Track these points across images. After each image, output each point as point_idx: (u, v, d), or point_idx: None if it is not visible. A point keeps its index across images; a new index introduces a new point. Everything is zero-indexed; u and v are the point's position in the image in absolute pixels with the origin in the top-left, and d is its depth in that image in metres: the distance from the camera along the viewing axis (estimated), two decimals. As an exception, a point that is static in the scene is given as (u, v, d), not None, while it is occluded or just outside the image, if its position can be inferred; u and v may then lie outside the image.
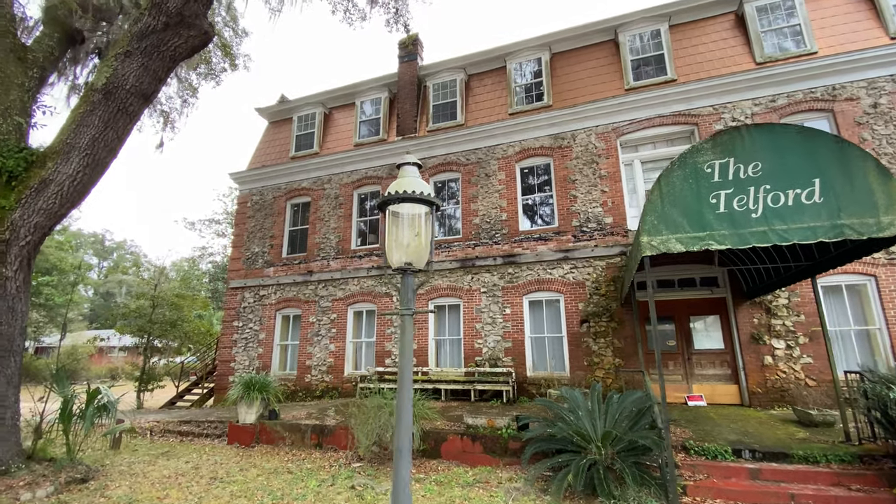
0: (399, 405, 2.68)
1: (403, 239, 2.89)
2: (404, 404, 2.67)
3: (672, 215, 5.09)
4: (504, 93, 12.91)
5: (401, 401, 2.68)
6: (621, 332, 10.03)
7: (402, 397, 2.69)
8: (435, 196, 2.91)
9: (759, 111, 10.22)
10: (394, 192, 2.85)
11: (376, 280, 12.70)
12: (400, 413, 2.66)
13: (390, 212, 2.99)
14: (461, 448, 6.94)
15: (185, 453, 7.72)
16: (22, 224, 5.63)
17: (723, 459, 5.83)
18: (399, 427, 2.65)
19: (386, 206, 2.99)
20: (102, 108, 5.85)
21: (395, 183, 2.95)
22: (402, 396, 2.69)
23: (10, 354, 5.61)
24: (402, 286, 2.90)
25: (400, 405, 2.68)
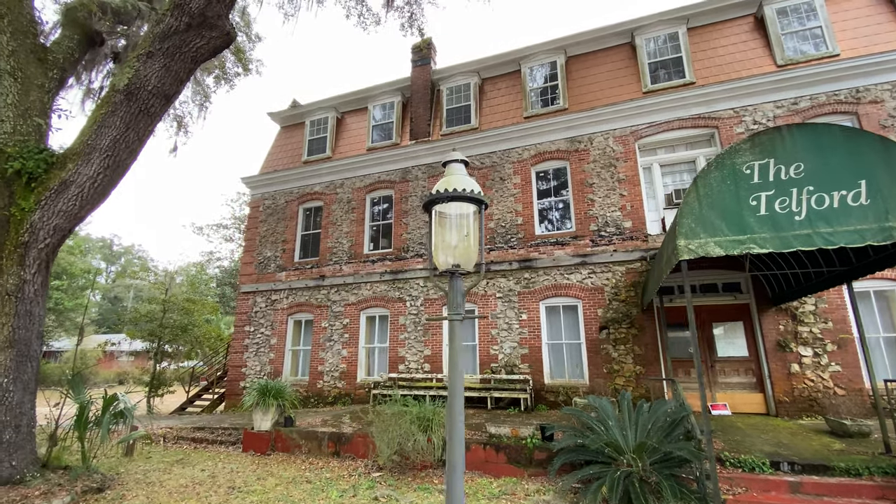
0: (450, 418, 2.52)
1: (451, 240, 2.74)
2: (456, 417, 2.50)
3: (710, 218, 4.92)
4: (518, 96, 12.80)
5: (452, 414, 2.52)
6: (642, 338, 9.82)
7: (454, 410, 2.52)
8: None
9: (782, 114, 10.04)
10: (441, 190, 2.71)
11: (389, 285, 12.56)
12: (451, 426, 2.49)
13: (437, 212, 2.84)
14: (484, 458, 6.74)
15: (200, 461, 7.56)
16: (41, 226, 5.53)
17: (760, 472, 5.61)
18: (451, 441, 2.48)
19: (432, 205, 2.85)
20: (124, 108, 5.77)
21: (441, 181, 2.80)
22: (454, 409, 2.52)
23: (27, 360, 5.50)
24: (449, 289, 2.74)
25: (451, 418, 2.51)
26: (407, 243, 12.69)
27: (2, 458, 5.18)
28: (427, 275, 12.10)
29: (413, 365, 11.70)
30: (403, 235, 12.81)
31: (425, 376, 11.28)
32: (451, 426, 2.50)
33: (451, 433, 2.49)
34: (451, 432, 2.49)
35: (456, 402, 2.53)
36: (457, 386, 2.56)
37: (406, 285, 12.39)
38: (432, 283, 10.92)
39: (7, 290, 5.33)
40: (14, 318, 5.35)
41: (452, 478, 2.43)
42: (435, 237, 2.86)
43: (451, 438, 2.48)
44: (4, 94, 5.79)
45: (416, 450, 6.44)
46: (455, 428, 2.49)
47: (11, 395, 5.29)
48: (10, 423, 5.28)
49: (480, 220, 2.78)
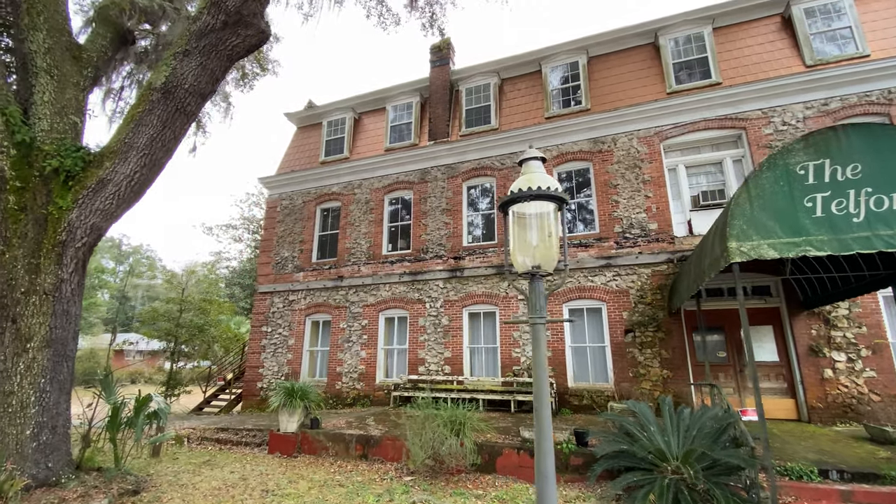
0: (538, 425, 2.42)
1: (531, 240, 2.65)
2: (544, 425, 2.40)
3: (762, 219, 4.80)
4: (539, 97, 12.71)
5: (540, 421, 2.42)
6: (669, 342, 9.68)
7: (542, 417, 2.42)
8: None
9: (812, 115, 9.90)
10: (519, 189, 2.62)
11: (408, 286, 12.47)
12: (540, 434, 2.40)
13: (514, 213, 2.75)
14: (517, 463, 6.63)
15: (227, 462, 7.49)
16: (79, 225, 5.49)
17: (809, 480, 5.47)
18: (540, 449, 2.38)
19: (509, 205, 2.76)
20: (161, 107, 5.72)
21: (518, 181, 2.72)
22: (542, 416, 2.42)
23: (63, 360, 5.45)
24: (530, 292, 2.65)
25: (539, 426, 2.41)
26: (426, 244, 12.61)
27: (38, 460, 5.13)
28: (447, 276, 12.02)
29: (433, 367, 11.60)
30: (422, 236, 12.72)
31: (446, 378, 11.18)
32: (540, 435, 2.40)
33: (539, 442, 2.40)
34: (539, 441, 2.40)
35: (544, 412, 2.43)
36: (543, 395, 2.46)
37: (425, 287, 12.30)
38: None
39: (45, 289, 5.29)
40: (51, 318, 5.30)
41: (545, 488, 2.33)
42: (512, 238, 2.77)
43: (540, 447, 2.38)
44: (41, 92, 5.76)
45: (451, 454, 6.34)
46: (544, 436, 2.39)
47: (48, 395, 5.25)
48: (47, 424, 5.23)
49: (562, 219, 2.68)
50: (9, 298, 5.14)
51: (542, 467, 2.36)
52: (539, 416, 2.43)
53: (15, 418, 5.00)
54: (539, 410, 2.44)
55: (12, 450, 4.94)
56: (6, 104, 5.34)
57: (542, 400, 2.44)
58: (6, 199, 5.24)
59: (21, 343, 5.12)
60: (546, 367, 2.51)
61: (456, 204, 12.63)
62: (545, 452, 2.37)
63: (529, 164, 2.79)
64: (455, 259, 12.13)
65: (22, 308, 5.16)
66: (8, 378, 5.03)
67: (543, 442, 2.38)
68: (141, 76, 10.70)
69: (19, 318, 5.14)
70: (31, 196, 5.37)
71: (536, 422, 2.44)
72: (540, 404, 2.44)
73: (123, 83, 10.73)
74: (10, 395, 5.01)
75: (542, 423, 2.41)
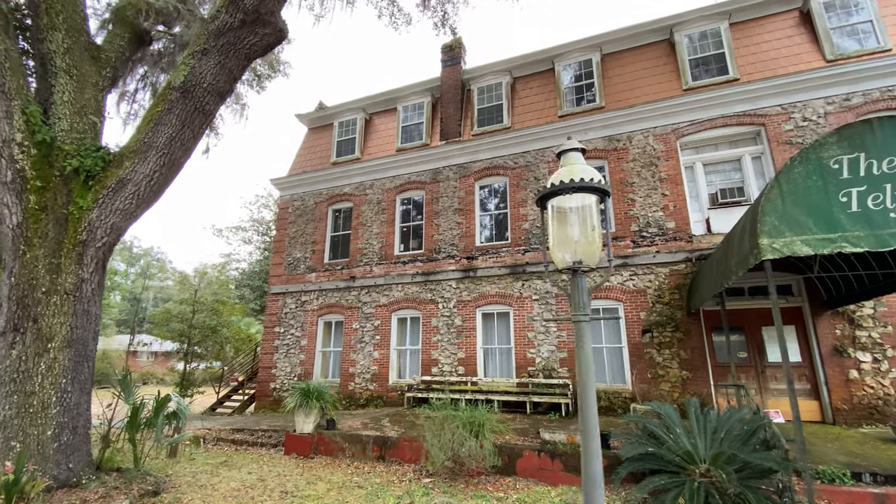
0: (585, 427, 2.33)
1: (572, 234, 2.56)
2: (591, 427, 2.31)
3: (795, 215, 4.66)
4: (552, 95, 12.59)
5: (586, 423, 2.33)
6: (688, 342, 9.51)
7: (588, 419, 2.33)
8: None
9: (833, 110, 9.70)
10: (561, 181, 2.53)
11: (421, 286, 12.40)
12: (587, 436, 2.30)
13: (553, 207, 2.67)
14: (538, 465, 6.52)
15: (244, 463, 7.45)
16: (99, 225, 5.47)
17: (841, 483, 5.32)
18: (588, 451, 2.29)
19: (547, 199, 2.67)
20: (180, 106, 5.70)
21: (557, 173, 2.63)
22: (588, 418, 2.33)
23: (84, 360, 5.44)
24: (572, 288, 2.56)
25: (586, 428, 2.32)
26: (438, 244, 12.53)
27: (59, 461, 5.11)
28: (460, 276, 11.93)
29: (447, 368, 11.52)
30: (435, 236, 12.65)
31: (459, 379, 11.09)
32: (587, 436, 2.31)
33: (586, 444, 2.30)
34: (586, 443, 2.31)
35: (590, 414, 2.34)
36: (589, 396, 2.37)
37: (438, 287, 12.22)
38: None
39: (66, 289, 5.27)
40: (72, 318, 5.29)
41: (592, 491, 2.24)
42: (551, 233, 2.69)
43: (588, 449, 2.29)
44: (61, 92, 5.76)
45: (471, 456, 6.25)
46: (591, 437, 2.30)
47: (69, 395, 5.23)
48: (68, 425, 5.21)
49: (607, 212, 2.58)
50: (30, 298, 5.13)
51: (589, 470, 2.27)
52: (585, 418, 2.34)
53: (36, 419, 4.98)
54: (585, 412, 2.35)
55: (33, 450, 4.93)
56: (26, 104, 5.34)
57: (589, 401, 2.35)
58: (27, 199, 5.24)
59: (42, 343, 5.11)
60: (591, 366, 2.42)
61: (468, 204, 12.54)
62: (592, 454, 2.28)
63: (569, 155, 2.70)
64: (468, 259, 12.04)
65: (43, 308, 5.16)
66: (29, 378, 5.02)
67: (590, 443, 2.29)
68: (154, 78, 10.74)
69: (40, 318, 5.14)
70: (51, 196, 5.36)
71: (582, 424, 2.34)
72: (586, 406, 2.35)
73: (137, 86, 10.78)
74: (31, 395, 5.00)
75: (588, 425, 2.32)
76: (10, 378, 4.97)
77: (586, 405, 2.35)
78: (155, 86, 10.81)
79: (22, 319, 5.08)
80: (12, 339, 5.05)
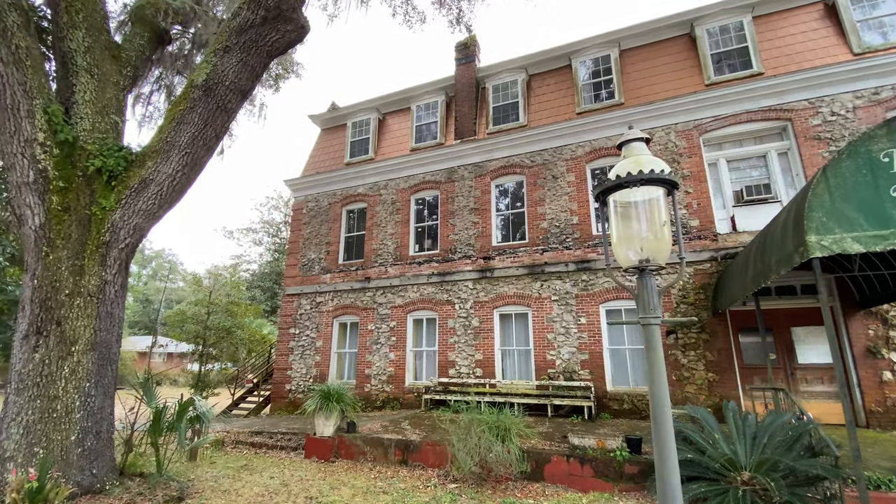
0: (659, 440, 2.15)
1: (640, 230, 2.40)
2: (667, 439, 2.14)
3: (844, 211, 4.45)
4: (570, 92, 12.40)
5: (662, 435, 2.15)
6: (714, 343, 9.28)
7: (663, 432, 2.15)
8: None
9: (862, 104, 9.42)
10: (628, 173, 2.36)
11: (437, 287, 12.25)
12: (663, 449, 2.13)
13: (616, 202, 2.50)
14: (567, 471, 6.34)
15: (265, 467, 7.34)
16: (122, 225, 5.38)
17: (888, 490, 5.08)
18: (664, 466, 2.12)
19: (608, 193, 2.51)
20: (202, 105, 5.60)
21: (621, 165, 2.46)
22: (663, 431, 2.16)
23: (108, 363, 5.35)
24: (640, 288, 2.40)
25: (660, 440, 2.15)
26: (454, 244, 12.37)
27: (83, 466, 5.02)
28: (477, 276, 11.77)
29: (464, 370, 11.35)
30: (450, 236, 12.50)
31: (478, 381, 10.92)
32: (663, 450, 2.14)
33: (662, 458, 2.13)
34: (662, 457, 2.13)
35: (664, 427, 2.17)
36: (664, 405, 2.20)
37: (454, 287, 12.07)
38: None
39: (89, 291, 5.19)
40: (96, 320, 5.20)
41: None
42: (616, 229, 2.52)
43: (664, 464, 2.12)
44: (82, 91, 5.69)
45: (499, 461, 6.08)
46: (667, 450, 2.13)
47: (93, 399, 5.14)
48: (92, 430, 5.12)
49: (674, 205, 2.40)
50: (53, 301, 5.05)
51: (668, 487, 2.09)
52: (659, 431, 2.16)
53: (60, 424, 4.90)
54: (660, 425, 2.17)
55: (57, 456, 4.84)
56: (48, 103, 5.27)
57: (664, 411, 2.18)
58: (50, 200, 5.16)
59: (66, 346, 5.03)
60: (664, 374, 2.25)
61: (484, 203, 12.38)
62: (670, 470, 2.11)
63: (631, 146, 2.54)
64: (484, 259, 11.87)
65: (66, 310, 5.07)
66: (52, 382, 4.93)
67: (668, 458, 2.12)
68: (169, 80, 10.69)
69: (64, 321, 5.05)
70: (74, 196, 5.28)
71: (656, 436, 2.17)
72: (662, 417, 2.18)
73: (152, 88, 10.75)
74: (54, 399, 4.91)
75: (662, 437, 2.15)
76: (33, 382, 4.88)
77: (661, 416, 2.18)
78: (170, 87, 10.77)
79: (45, 322, 4.99)
80: (35, 343, 4.96)
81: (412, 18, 11.39)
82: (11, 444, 4.66)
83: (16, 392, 4.83)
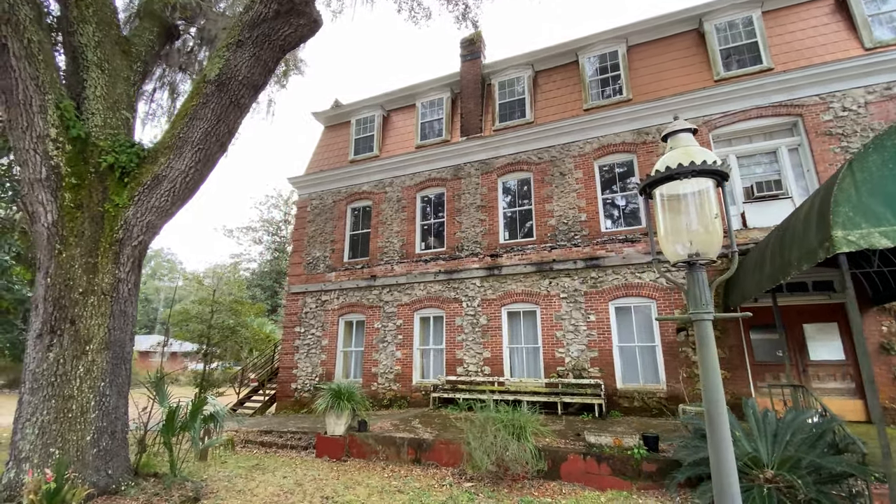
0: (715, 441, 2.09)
1: (689, 224, 2.33)
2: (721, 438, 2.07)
3: (871, 206, 4.39)
4: (577, 88, 12.32)
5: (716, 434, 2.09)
6: (725, 341, 9.23)
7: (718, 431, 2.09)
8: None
9: (874, 99, 9.37)
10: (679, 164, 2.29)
11: (444, 285, 12.19)
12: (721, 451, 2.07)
13: (663, 195, 2.44)
14: (584, 469, 6.29)
15: (277, 467, 7.28)
16: (135, 223, 5.30)
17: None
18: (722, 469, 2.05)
19: (655, 186, 2.45)
20: (215, 100, 5.51)
21: (669, 157, 2.40)
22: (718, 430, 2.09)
23: (122, 362, 5.27)
24: (691, 283, 2.34)
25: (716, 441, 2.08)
26: (461, 242, 12.31)
27: (99, 467, 4.95)
28: (484, 274, 11.70)
29: (472, 368, 11.30)
30: (457, 234, 12.43)
31: (486, 379, 10.87)
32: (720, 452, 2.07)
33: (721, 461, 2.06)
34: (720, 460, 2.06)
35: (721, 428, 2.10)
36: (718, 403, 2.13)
37: (461, 285, 12.01)
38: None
39: (103, 289, 5.11)
40: (110, 319, 5.12)
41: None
42: (662, 223, 2.46)
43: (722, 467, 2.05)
44: (93, 86, 5.59)
45: (516, 459, 6.03)
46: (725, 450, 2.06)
47: (108, 399, 5.07)
48: (107, 430, 5.05)
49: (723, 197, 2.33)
50: (67, 299, 4.97)
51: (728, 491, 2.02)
52: (715, 431, 2.10)
53: (75, 424, 4.82)
54: (716, 425, 2.11)
55: (73, 457, 4.77)
56: (60, 98, 5.17)
57: (719, 410, 2.11)
58: (62, 197, 5.07)
59: (80, 345, 4.95)
60: (718, 371, 2.19)
61: (491, 200, 12.31)
62: (728, 471, 2.04)
63: (678, 136, 2.48)
64: (492, 257, 11.81)
65: (80, 309, 4.99)
66: (67, 382, 4.86)
67: (725, 460, 2.05)
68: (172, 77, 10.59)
69: (78, 320, 4.97)
70: (86, 193, 5.20)
71: (711, 436, 2.11)
72: (717, 416, 2.11)
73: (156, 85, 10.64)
74: (69, 399, 4.84)
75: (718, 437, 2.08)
76: (47, 382, 4.81)
77: (716, 415, 2.11)
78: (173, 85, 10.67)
79: (59, 321, 4.91)
80: (49, 342, 4.88)
81: (418, 14, 11.28)
82: (27, 445, 4.59)
83: (30, 392, 4.76)
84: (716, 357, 2.21)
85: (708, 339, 2.23)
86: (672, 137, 2.50)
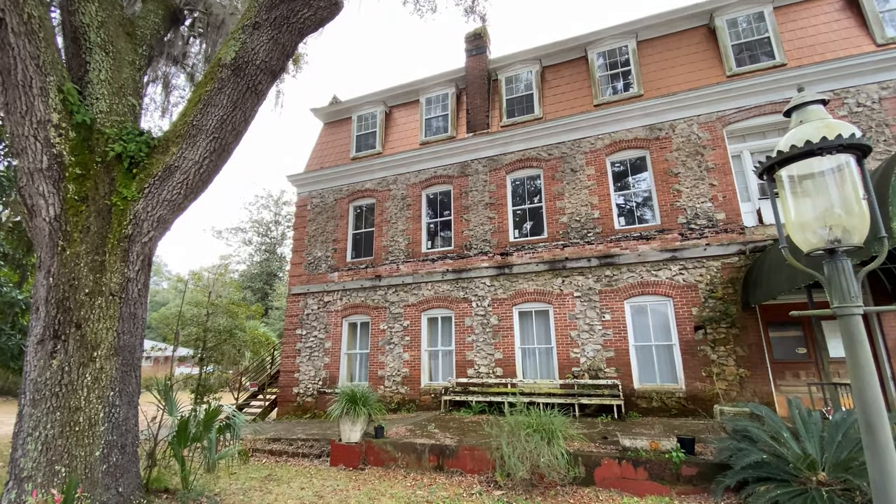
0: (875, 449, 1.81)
1: (827, 205, 2.05)
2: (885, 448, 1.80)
3: (931, 198, 4.22)
4: (586, 83, 12.13)
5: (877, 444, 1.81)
6: (744, 339, 9.09)
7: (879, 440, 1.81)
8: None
9: (888, 95, 9.34)
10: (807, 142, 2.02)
11: (452, 284, 11.87)
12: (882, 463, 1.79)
13: (792, 176, 2.16)
14: (620, 474, 6.03)
15: (291, 477, 6.87)
16: (145, 217, 4.88)
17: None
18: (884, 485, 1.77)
19: (782, 165, 2.17)
20: (231, 85, 5.11)
21: (794, 133, 2.13)
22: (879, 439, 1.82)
23: (132, 369, 4.84)
24: (832, 273, 2.07)
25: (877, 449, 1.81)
26: (469, 240, 12.01)
27: (108, 484, 4.52)
28: (494, 273, 11.42)
29: (483, 369, 11.00)
30: (465, 232, 12.13)
31: (498, 381, 10.58)
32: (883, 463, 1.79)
33: (883, 471, 1.79)
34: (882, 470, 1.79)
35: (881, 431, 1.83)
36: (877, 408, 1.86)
37: (471, 284, 11.71)
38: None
39: (111, 289, 4.67)
40: (119, 322, 4.69)
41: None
42: (788, 208, 2.18)
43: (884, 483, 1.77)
44: (97, 70, 5.15)
45: (551, 466, 5.74)
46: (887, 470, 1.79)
47: (118, 409, 4.63)
48: (117, 443, 4.61)
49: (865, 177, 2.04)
50: (72, 301, 4.53)
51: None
52: (875, 440, 1.83)
53: (83, 438, 4.38)
54: (876, 434, 1.83)
55: (81, 474, 4.33)
56: (62, 80, 4.72)
57: (880, 417, 1.84)
58: (66, 188, 4.62)
59: (87, 351, 4.51)
60: (874, 372, 1.92)
61: (500, 198, 12.04)
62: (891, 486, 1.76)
63: (808, 109, 2.21)
64: (502, 255, 11.53)
65: (87, 312, 4.55)
66: (74, 392, 4.41)
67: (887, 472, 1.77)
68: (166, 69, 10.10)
69: (84, 323, 4.53)
70: (92, 185, 4.75)
71: (870, 446, 1.84)
72: (878, 423, 1.84)
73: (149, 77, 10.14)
74: (76, 411, 4.39)
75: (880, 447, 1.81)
76: (51, 392, 4.36)
77: (877, 423, 1.84)
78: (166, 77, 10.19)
79: (63, 325, 4.47)
80: (52, 348, 4.44)
81: (423, 7, 10.94)
82: (29, 463, 4.14)
83: (31, 403, 4.30)
84: (870, 355, 1.95)
85: (859, 336, 1.96)
86: (799, 111, 2.23)
